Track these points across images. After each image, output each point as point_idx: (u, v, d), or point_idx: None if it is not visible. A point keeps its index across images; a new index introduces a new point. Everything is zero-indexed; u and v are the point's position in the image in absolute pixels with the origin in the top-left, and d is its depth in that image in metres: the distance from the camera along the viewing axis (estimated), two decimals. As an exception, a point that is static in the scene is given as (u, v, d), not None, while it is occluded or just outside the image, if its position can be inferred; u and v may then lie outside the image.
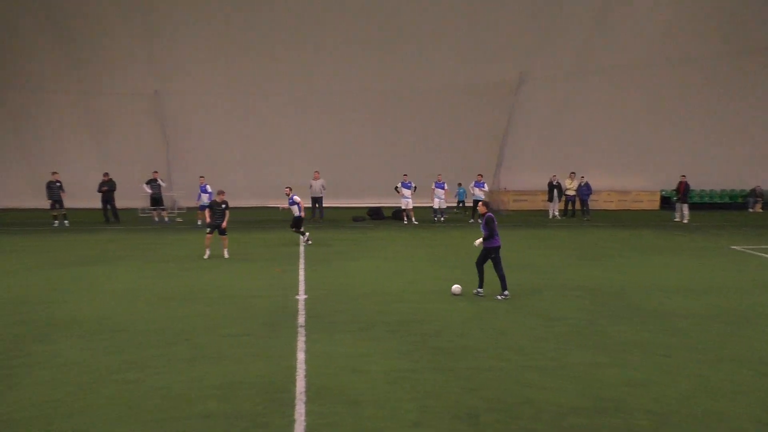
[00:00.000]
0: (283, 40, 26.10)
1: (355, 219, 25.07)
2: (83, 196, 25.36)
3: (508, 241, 19.72)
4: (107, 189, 23.75)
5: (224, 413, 6.55)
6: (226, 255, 15.86)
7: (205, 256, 15.69)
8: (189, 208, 26.75)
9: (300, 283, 12.92)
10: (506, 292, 11.52)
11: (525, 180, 29.43)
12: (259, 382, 7.36)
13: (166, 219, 24.19)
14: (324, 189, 24.55)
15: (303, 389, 7.13)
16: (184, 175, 27.05)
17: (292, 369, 7.77)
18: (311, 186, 24.58)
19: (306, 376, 7.52)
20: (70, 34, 25.50)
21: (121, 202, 24.13)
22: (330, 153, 27.81)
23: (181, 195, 26.98)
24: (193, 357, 8.29)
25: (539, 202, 28.81)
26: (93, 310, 10.78)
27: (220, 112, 27.41)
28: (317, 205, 24.63)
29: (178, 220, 24.54)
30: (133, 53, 25.90)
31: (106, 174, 24.00)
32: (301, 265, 14.88)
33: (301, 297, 11.64)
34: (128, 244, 18.47)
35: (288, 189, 18.35)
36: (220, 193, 16.09)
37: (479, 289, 11.77)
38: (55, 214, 23.25)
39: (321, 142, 28.10)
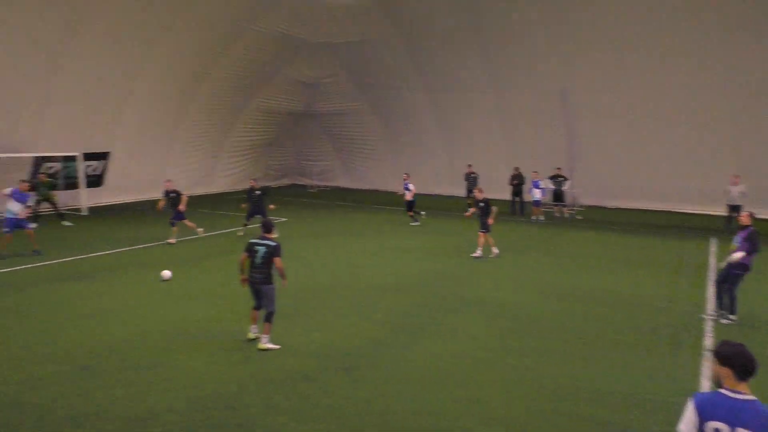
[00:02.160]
0: (688, 37, 23.41)
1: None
2: (493, 188, 27.65)
3: None
4: (517, 183, 25.34)
5: (596, 418, 6.60)
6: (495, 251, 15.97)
7: (477, 254, 15.73)
8: (589, 207, 26.72)
9: (708, 300, 11.63)
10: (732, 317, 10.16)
11: None
12: (658, 399, 7.03)
13: (566, 215, 24.56)
14: (744, 196, 21.30)
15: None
16: (585, 172, 27.02)
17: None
18: (729, 192, 21.64)
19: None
20: (494, 41, 27.93)
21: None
22: (757, 153, 23.79)
23: (582, 192, 27.04)
24: (583, 357, 8.36)
25: None
26: (496, 293, 11.81)
27: (621, 111, 26.26)
28: (734, 214, 21.53)
29: (578, 217, 24.68)
30: (546, 54, 26.85)
31: (516, 168, 25.63)
32: (710, 280, 13.30)
33: (709, 317, 10.48)
34: (528, 235, 19.62)
35: (406, 175, 22.43)
36: (480, 191, 16.61)
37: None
38: (469, 202, 26.07)
39: (745, 141, 24.21)
